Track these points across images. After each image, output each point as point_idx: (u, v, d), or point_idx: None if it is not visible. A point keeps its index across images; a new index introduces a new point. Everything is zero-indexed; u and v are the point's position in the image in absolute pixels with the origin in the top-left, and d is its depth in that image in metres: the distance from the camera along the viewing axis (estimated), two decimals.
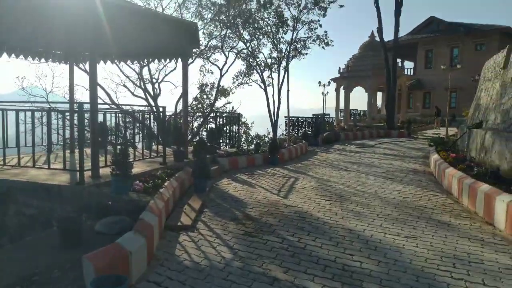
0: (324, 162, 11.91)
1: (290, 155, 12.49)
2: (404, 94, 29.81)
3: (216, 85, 32.08)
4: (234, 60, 31.49)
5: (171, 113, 19.94)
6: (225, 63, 31.60)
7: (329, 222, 5.55)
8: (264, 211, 6.03)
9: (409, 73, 38.50)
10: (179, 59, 9.09)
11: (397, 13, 23.03)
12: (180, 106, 34.28)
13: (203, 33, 31.19)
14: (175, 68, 31.91)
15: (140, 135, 10.52)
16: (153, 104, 30.29)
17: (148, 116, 11.39)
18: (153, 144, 10.83)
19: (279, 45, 36.39)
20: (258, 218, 5.68)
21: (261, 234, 4.98)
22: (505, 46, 22.18)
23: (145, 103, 28.11)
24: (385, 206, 6.50)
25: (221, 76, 30.70)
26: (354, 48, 30.50)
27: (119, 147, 5.75)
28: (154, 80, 31.20)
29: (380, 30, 23.74)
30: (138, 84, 28.47)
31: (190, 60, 32.92)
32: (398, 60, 27.12)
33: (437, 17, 37.52)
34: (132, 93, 23.68)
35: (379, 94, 37.02)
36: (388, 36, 25.14)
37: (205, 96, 41.12)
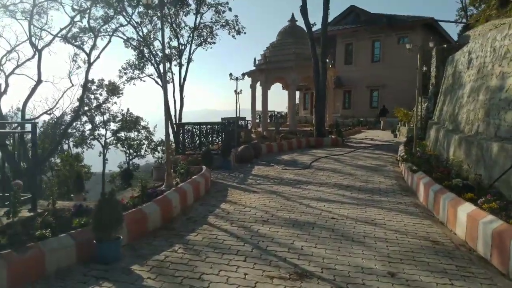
0: (241, 234, 5.43)
1: (165, 214, 5.79)
2: (331, 92, 24.58)
3: (96, 79, 24.02)
4: (109, 41, 23.93)
5: None
6: (94, 46, 23.16)
7: None
8: None
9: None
10: None
11: None
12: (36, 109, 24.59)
13: (72, 9, 22.66)
14: (33, 56, 22.86)
15: None
16: None
17: None
18: None
19: (180, 31, 29.35)
20: None
21: None
22: (428, 39, 18.11)
23: None
24: None
25: (90, 64, 22.54)
26: (272, 38, 24.53)
27: None
28: None
29: (304, 8, 18.22)
30: None
31: (43, 43, 23.32)
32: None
33: (358, 7, 33.92)
34: None
35: (297, 94, 32.22)
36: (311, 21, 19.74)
37: (92, 97, 32.45)
